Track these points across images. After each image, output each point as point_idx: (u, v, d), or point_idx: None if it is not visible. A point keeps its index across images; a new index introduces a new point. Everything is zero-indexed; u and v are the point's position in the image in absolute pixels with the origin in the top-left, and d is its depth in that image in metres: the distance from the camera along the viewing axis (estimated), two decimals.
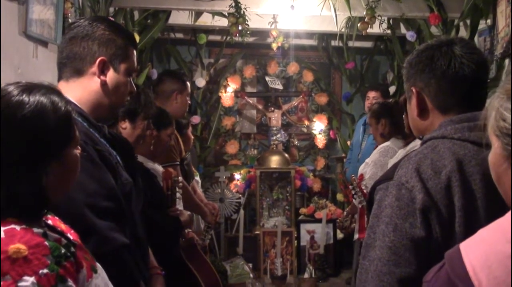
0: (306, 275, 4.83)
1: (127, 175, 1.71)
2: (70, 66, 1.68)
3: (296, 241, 5.14)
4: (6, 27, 2.63)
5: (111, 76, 1.70)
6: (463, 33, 4.51)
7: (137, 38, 4.59)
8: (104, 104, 1.71)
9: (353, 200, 3.82)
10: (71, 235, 1.30)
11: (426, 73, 1.39)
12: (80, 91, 1.67)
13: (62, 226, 1.31)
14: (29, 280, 1.01)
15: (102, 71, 1.68)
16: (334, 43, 5.80)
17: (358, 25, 4.89)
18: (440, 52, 1.38)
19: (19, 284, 1.01)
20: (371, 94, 5.18)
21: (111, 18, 3.88)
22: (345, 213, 3.99)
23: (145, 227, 1.88)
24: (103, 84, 1.68)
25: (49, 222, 1.28)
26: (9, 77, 2.45)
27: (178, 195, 2.78)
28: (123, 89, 1.74)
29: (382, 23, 5.10)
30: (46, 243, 1.08)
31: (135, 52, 1.79)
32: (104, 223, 1.51)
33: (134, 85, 1.80)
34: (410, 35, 5.10)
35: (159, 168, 2.83)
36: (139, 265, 1.70)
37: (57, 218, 1.33)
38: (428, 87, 1.39)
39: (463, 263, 0.92)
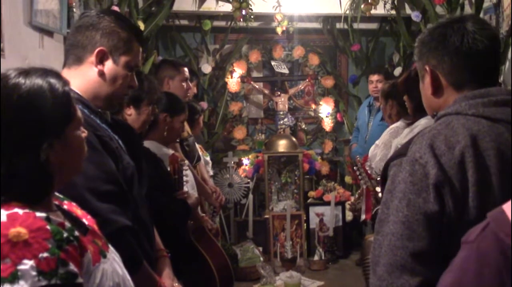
0: (316, 257, 4.88)
1: (129, 159, 1.74)
2: (72, 53, 1.72)
3: (305, 224, 5.17)
4: (12, 18, 2.64)
5: (109, 67, 1.72)
6: (468, 11, 4.48)
7: (142, 26, 4.59)
8: (101, 94, 1.73)
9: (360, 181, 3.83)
10: (87, 220, 1.32)
11: (439, 51, 1.39)
12: (80, 79, 1.70)
13: (78, 212, 1.33)
14: (28, 263, 1.02)
15: (101, 61, 1.70)
16: (339, 25, 5.77)
17: (362, 6, 4.86)
18: (452, 29, 1.38)
19: (19, 267, 1.01)
20: (374, 78, 5.20)
21: (116, 7, 3.90)
22: (357, 195, 4.00)
23: (150, 210, 1.91)
24: (101, 74, 1.71)
25: (65, 207, 1.30)
26: None
27: (185, 178, 2.81)
28: (121, 82, 1.75)
29: (386, 4, 5.07)
30: (48, 227, 1.08)
31: (140, 48, 1.80)
32: (105, 206, 1.55)
33: (135, 80, 1.81)
34: (415, 15, 5.06)
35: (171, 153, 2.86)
36: (144, 247, 1.73)
37: (74, 204, 1.34)
38: (442, 64, 1.40)
39: (509, 221, 0.94)
